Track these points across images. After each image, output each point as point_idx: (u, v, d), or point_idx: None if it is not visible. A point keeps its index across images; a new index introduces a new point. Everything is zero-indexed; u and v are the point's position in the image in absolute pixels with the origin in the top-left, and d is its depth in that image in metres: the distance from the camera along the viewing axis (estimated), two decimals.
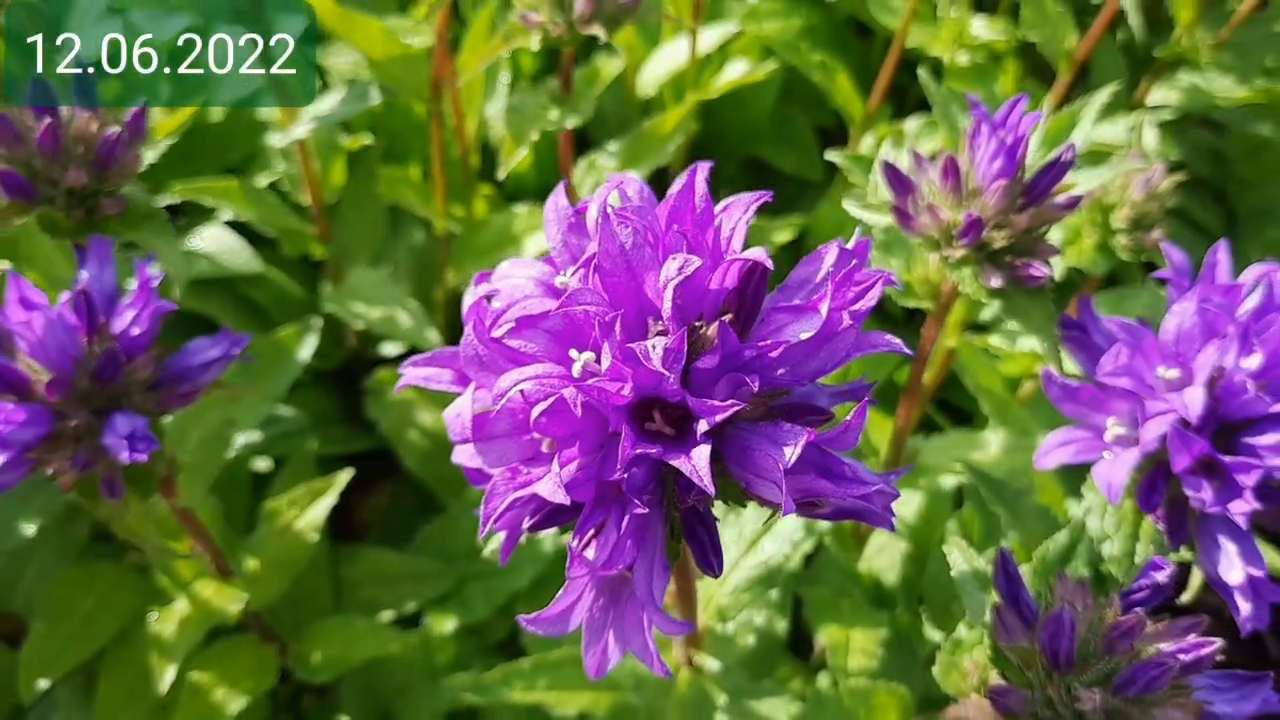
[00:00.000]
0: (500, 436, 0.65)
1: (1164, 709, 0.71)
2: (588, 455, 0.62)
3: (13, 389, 0.81)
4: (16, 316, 0.80)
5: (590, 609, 0.68)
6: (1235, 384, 0.82)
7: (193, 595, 1.20)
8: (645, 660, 0.66)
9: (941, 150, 0.96)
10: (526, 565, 1.57)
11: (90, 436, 0.84)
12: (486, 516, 0.63)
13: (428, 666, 1.59)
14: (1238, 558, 0.84)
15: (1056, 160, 0.89)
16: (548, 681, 1.27)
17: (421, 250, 1.73)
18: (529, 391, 0.60)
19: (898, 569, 1.54)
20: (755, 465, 0.61)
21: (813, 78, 1.67)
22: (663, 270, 0.60)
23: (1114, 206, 1.26)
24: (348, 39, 1.28)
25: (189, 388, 0.88)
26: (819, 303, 0.62)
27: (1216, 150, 2.39)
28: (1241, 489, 0.81)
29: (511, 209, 1.53)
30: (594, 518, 0.62)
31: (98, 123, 0.90)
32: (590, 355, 0.62)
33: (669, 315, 0.60)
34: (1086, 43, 1.64)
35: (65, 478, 0.85)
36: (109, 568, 1.49)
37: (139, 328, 0.85)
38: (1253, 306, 0.85)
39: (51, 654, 1.38)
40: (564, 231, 0.68)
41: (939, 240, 0.92)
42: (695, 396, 0.60)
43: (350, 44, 1.27)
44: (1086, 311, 0.94)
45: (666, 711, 1.08)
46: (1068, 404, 0.91)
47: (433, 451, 1.70)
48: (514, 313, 0.63)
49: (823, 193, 2.12)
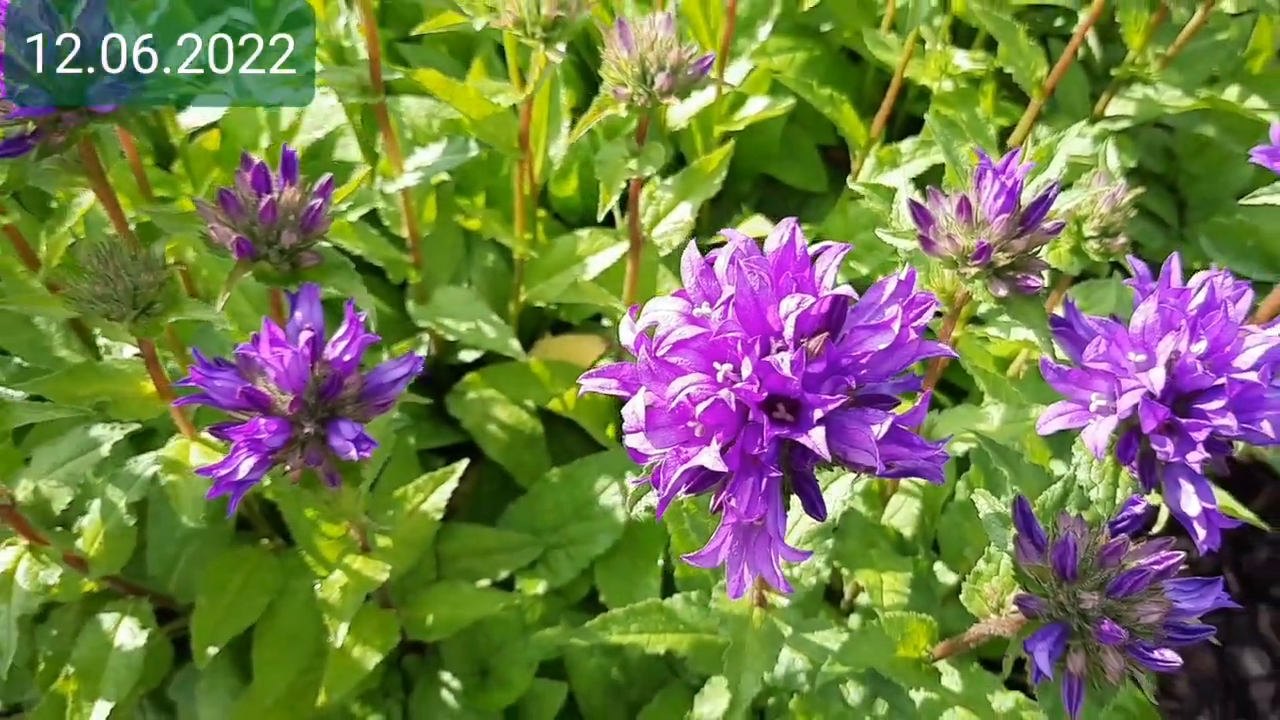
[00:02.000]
0: (663, 427, 0.88)
1: (1144, 605, 0.96)
2: (731, 437, 0.85)
3: (259, 407, 1.04)
4: (267, 352, 1.03)
5: (730, 548, 0.91)
6: (1187, 364, 1.05)
7: (346, 568, 1.42)
8: (773, 581, 0.89)
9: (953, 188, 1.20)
10: (603, 535, 1.80)
11: (318, 441, 1.06)
12: (663, 484, 0.86)
13: (520, 624, 1.81)
14: (1194, 495, 1.07)
15: (1044, 197, 1.13)
16: (638, 626, 1.50)
17: (492, 270, 1.95)
18: (693, 394, 0.83)
19: (913, 524, 1.78)
20: (852, 440, 0.84)
21: (823, 110, 1.90)
22: (782, 305, 0.83)
23: (1085, 218, 1.50)
24: (451, 102, 1.49)
25: (384, 400, 1.11)
26: (892, 321, 0.85)
27: (1168, 148, 2.64)
28: (1195, 443, 1.05)
29: (575, 234, 1.76)
30: (739, 480, 0.85)
31: (300, 193, 1.12)
32: (729, 366, 0.85)
33: (790, 336, 0.83)
34: (1055, 74, 1.87)
35: (294, 472, 1.08)
36: (252, 552, 1.71)
37: (349, 355, 1.07)
38: (1198, 304, 1.09)
39: (214, 625, 1.60)
40: (697, 275, 0.91)
41: (956, 260, 1.16)
42: (809, 393, 0.83)
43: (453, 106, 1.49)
44: (1071, 311, 1.18)
45: (747, 641, 1.31)
46: (1060, 384, 1.14)
47: (510, 442, 1.92)
48: (672, 338, 0.86)
49: (825, 201, 2.35)
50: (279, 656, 1.58)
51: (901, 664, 1.39)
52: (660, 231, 1.57)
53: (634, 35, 1.26)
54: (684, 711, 1.68)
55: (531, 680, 1.74)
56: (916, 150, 1.95)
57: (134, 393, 1.24)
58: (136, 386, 1.25)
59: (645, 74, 1.24)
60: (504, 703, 1.74)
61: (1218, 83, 2.52)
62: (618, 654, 1.77)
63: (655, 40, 1.25)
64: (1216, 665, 2.44)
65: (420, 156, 1.49)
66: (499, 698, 1.74)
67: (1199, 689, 2.40)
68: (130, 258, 1.10)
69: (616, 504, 1.75)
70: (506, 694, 1.73)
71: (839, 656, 1.37)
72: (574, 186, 2.06)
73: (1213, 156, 2.50)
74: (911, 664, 1.40)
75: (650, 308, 0.93)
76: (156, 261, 1.11)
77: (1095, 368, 1.10)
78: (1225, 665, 2.44)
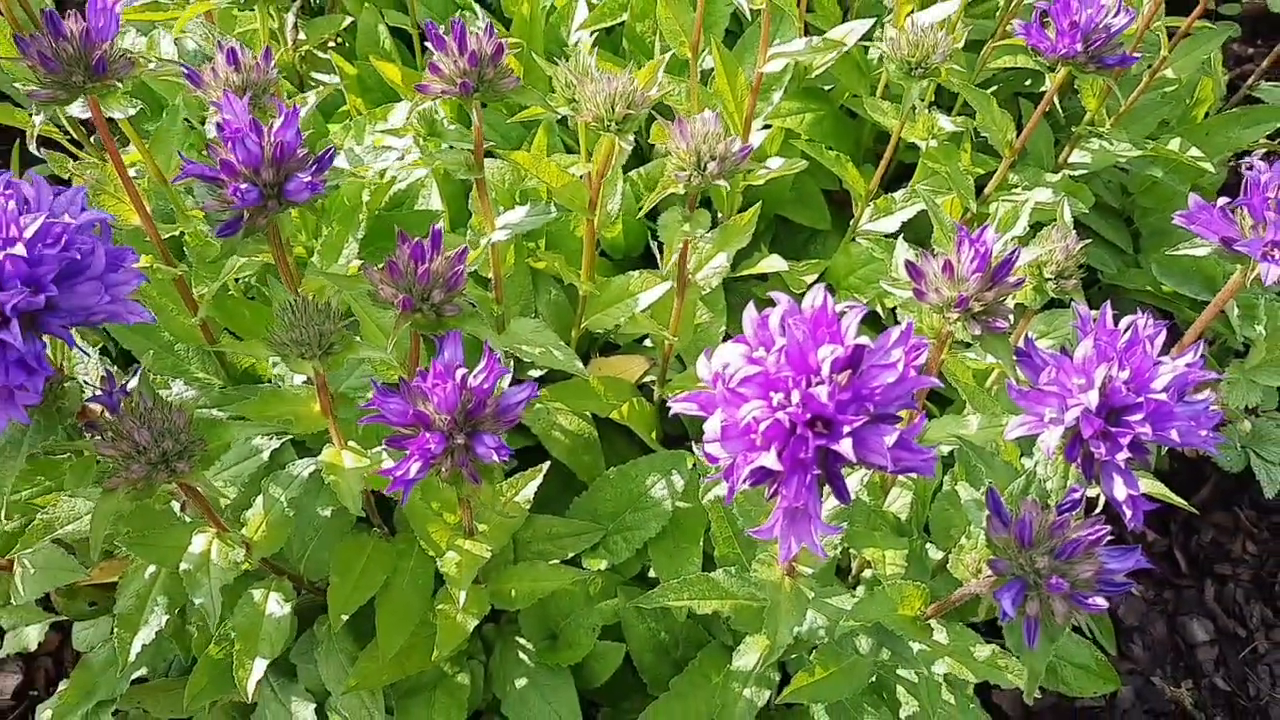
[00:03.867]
0: (733, 438, 1.19)
1: (1081, 565, 1.27)
2: (783, 445, 1.16)
3: (424, 424, 1.35)
4: (430, 383, 1.34)
5: (781, 526, 1.22)
6: (1116, 387, 1.36)
7: (458, 548, 1.73)
8: (813, 549, 1.20)
9: (940, 249, 1.51)
10: (653, 522, 2.10)
11: (466, 449, 1.37)
12: (733, 479, 1.17)
13: (584, 596, 2.11)
14: (1122, 484, 1.38)
15: (1008, 259, 1.44)
16: (689, 593, 1.80)
17: (555, 303, 2.26)
18: (756, 416, 1.15)
19: (908, 510, 2.09)
20: (870, 447, 1.15)
21: (831, 168, 2.21)
22: (820, 351, 1.15)
23: (1045, 263, 1.81)
24: (536, 173, 1.80)
25: (511, 416, 1.41)
26: (897, 363, 1.16)
27: (1123, 185, 2.95)
28: (1122, 446, 1.35)
29: (628, 274, 2.07)
30: (789, 477, 1.17)
31: (444, 260, 1.44)
32: (781, 395, 1.16)
33: (826, 374, 1.14)
34: (1024, 136, 2.18)
35: (445, 473, 1.39)
36: (370, 539, 2.01)
37: (488, 383, 1.39)
38: (1124, 341, 1.40)
39: (344, 597, 1.90)
40: (755, 327, 1.22)
41: (942, 308, 1.47)
42: (840, 415, 1.14)
43: (537, 176, 1.80)
44: (1030, 344, 1.49)
45: (781, 601, 1.62)
46: (1022, 400, 1.45)
47: (572, 446, 2.23)
48: (739, 375, 1.17)
49: (829, 236, 2.66)
50: (395, 623, 1.89)
51: (902, 620, 1.69)
52: (702, 275, 1.88)
53: (690, 130, 1.57)
54: (722, 666, 1.99)
55: (595, 642, 2.04)
56: (907, 200, 2.27)
57: (305, 412, 1.55)
58: (308, 407, 1.55)
59: (700, 162, 1.56)
60: (571, 660, 2.05)
61: (1168, 128, 2.85)
62: (665, 620, 2.08)
63: (707, 134, 1.57)
64: (1168, 632, 2.74)
65: (508, 216, 1.79)
66: (567, 656, 2.05)
67: (1153, 652, 2.71)
68: (316, 310, 1.42)
69: (664, 496, 2.06)
70: (574, 653, 2.04)
71: (852, 614, 1.68)
72: (619, 230, 2.37)
73: (1161, 193, 2.82)
74: (910, 621, 1.71)
75: (720, 352, 1.24)
76: (335, 313, 1.42)
77: (1048, 389, 1.41)
78: (1175, 632, 2.74)
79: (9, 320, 1.19)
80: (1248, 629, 2.73)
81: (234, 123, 1.36)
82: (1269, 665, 2.67)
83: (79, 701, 2.10)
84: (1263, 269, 1.53)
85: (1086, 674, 2.29)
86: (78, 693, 2.10)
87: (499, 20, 2.71)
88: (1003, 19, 2.46)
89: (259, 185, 1.36)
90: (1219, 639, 2.72)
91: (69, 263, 1.24)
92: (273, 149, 1.37)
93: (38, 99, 1.41)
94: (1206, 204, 1.61)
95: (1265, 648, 2.68)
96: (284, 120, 1.38)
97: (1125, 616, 2.71)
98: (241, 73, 1.55)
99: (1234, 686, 2.65)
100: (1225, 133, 2.76)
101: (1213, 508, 2.90)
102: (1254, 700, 2.63)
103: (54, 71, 1.40)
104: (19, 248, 1.18)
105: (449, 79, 1.55)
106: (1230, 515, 2.86)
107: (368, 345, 1.42)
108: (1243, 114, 2.80)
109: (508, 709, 2.06)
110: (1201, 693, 2.64)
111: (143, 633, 1.75)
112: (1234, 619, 2.74)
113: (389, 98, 2.52)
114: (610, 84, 1.61)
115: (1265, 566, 2.80)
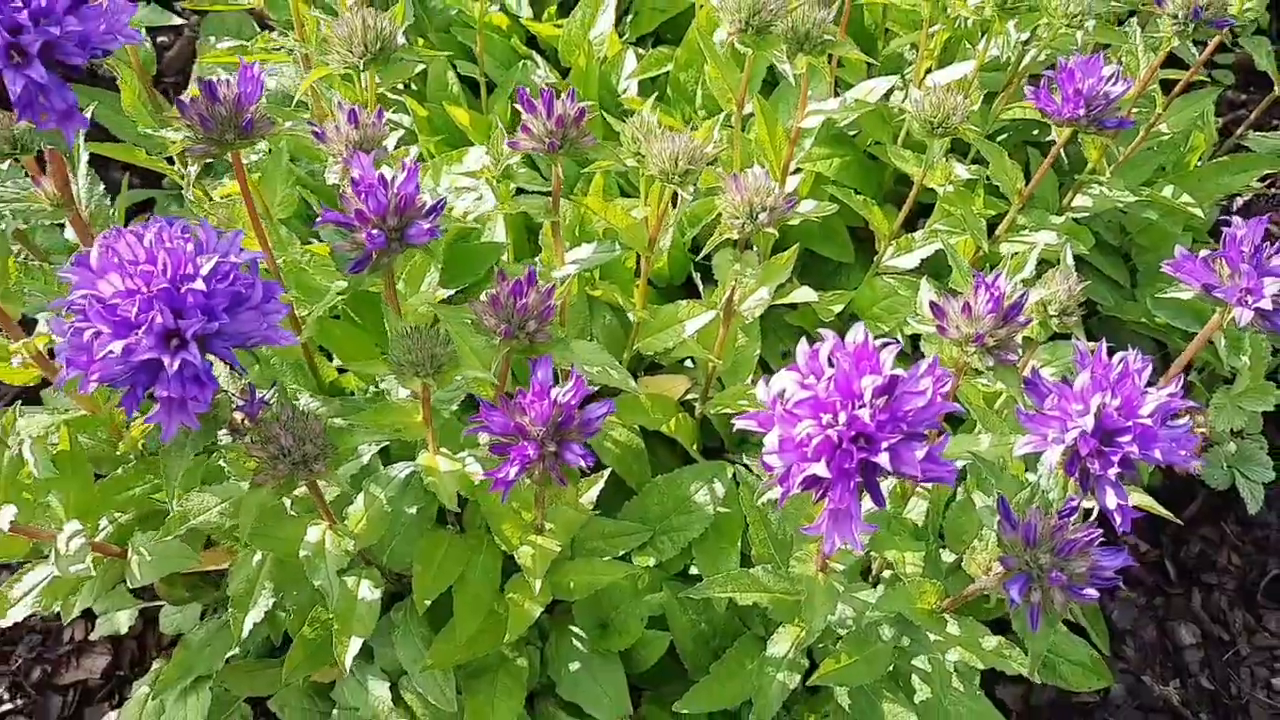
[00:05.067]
0: (788, 451, 1.41)
1: (1076, 561, 1.49)
2: (830, 457, 1.39)
3: (522, 435, 1.58)
4: (530, 399, 1.57)
5: (828, 525, 1.44)
6: (1109, 413, 1.58)
7: (531, 543, 1.95)
8: (854, 545, 1.43)
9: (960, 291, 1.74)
10: (696, 524, 2.32)
11: (555, 457, 1.60)
12: (788, 485, 1.40)
13: (633, 589, 2.33)
14: (1113, 495, 1.59)
15: (1018, 302, 1.67)
16: (733, 586, 2.03)
17: (608, 327, 2.49)
18: (809, 433, 1.37)
19: (924, 518, 2.32)
20: (904, 460, 1.37)
21: (857, 210, 2.44)
22: (863, 380, 1.37)
23: (1050, 302, 2.04)
24: (604, 216, 2.04)
25: (593, 429, 1.63)
26: (925, 390, 1.39)
27: (1121, 224, 3.18)
28: (1113, 463, 1.58)
29: (677, 303, 2.30)
30: (835, 484, 1.39)
31: (538, 294, 1.67)
32: (830, 416, 1.38)
33: (869, 400, 1.37)
34: (1032, 184, 2.41)
35: (538, 476, 1.62)
36: (446, 534, 2.24)
37: (575, 400, 1.62)
38: (1117, 374, 1.63)
39: (427, 585, 2.12)
40: (807, 359, 1.45)
41: (960, 343, 1.70)
42: (879, 433, 1.37)
43: (605, 219, 2.03)
44: (1036, 374, 1.71)
45: (816, 594, 1.84)
46: (1029, 423, 1.67)
47: (622, 455, 2.45)
48: (794, 399, 1.40)
49: (853, 269, 2.89)
50: (469, 609, 2.10)
51: (920, 613, 1.91)
52: (745, 307, 2.11)
53: (744, 184, 1.81)
54: (755, 654, 2.21)
55: (642, 630, 2.27)
56: (925, 239, 2.50)
57: (410, 422, 1.78)
58: (412, 418, 1.78)
59: (752, 212, 1.79)
60: (620, 646, 2.26)
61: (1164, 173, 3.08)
62: (705, 612, 2.30)
63: (758, 188, 1.80)
64: (1158, 635, 2.95)
65: (578, 253, 2.01)
66: (617, 642, 2.27)
67: (1144, 654, 2.92)
68: (429, 335, 1.65)
69: (707, 502, 2.28)
70: (623, 640, 2.26)
71: (877, 605, 1.90)
72: (664, 261, 2.60)
73: (1156, 233, 3.03)
74: (927, 613, 1.94)
75: (777, 379, 1.46)
76: (445, 338, 1.66)
77: (1051, 413, 1.64)
78: (1165, 636, 2.94)
79: (188, 343, 1.42)
80: (1231, 634, 2.94)
81: (365, 177, 1.59)
82: (1250, 667, 2.88)
83: (179, 677, 2.33)
84: (1237, 313, 1.76)
85: (1083, 671, 2.50)
86: (178, 669, 2.32)
87: (556, 68, 2.95)
88: (1011, 76, 2.69)
89: (385, 231, 1.60)
90: (1205, 642, 2.91)
91: (235, 295, 1.47)
92: (397, 200, 1.61)
93: (195, 154, 1.65)
94: (1190, 254, 1.84)
95: (1247, 651, 2.89)
96: (406, 175, 1.62)
97: (1119, 620, 2.92)
98: (360, 129, 1.79)
99: (1218, 686, 2.85)
100: (1216, 179, 2.98)
101: (1201, 522, 3.11)
102: (1236, 699, 2.83)
103: (209, 131, 1.64)
104: (199, 283, 1.41)
105: (538, 138, 1.79)
106: (1217, 529, 3.07)
107: (470, 365, 1.65)
108: (1232, 161, 3.02)
109: (562, 689, 2.28)
110: (1188, 691, 2.84)
111: (253, 613, 1.98)
112: (1219, 624, 2.95)
113: (456, 137, 2.76)
114: (674, 142, 1.84)
115: (1248, 576, 3.01)
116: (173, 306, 1.41)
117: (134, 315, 1.40)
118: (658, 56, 2.80)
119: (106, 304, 1.41)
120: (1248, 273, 1.74)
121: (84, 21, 1.47)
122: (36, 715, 2.73)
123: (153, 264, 1.42)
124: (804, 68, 2.08)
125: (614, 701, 2.23)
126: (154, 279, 1.41)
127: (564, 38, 2.89)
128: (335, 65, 1.82)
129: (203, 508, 1.86)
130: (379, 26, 1.84)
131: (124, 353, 1.39)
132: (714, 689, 2.18)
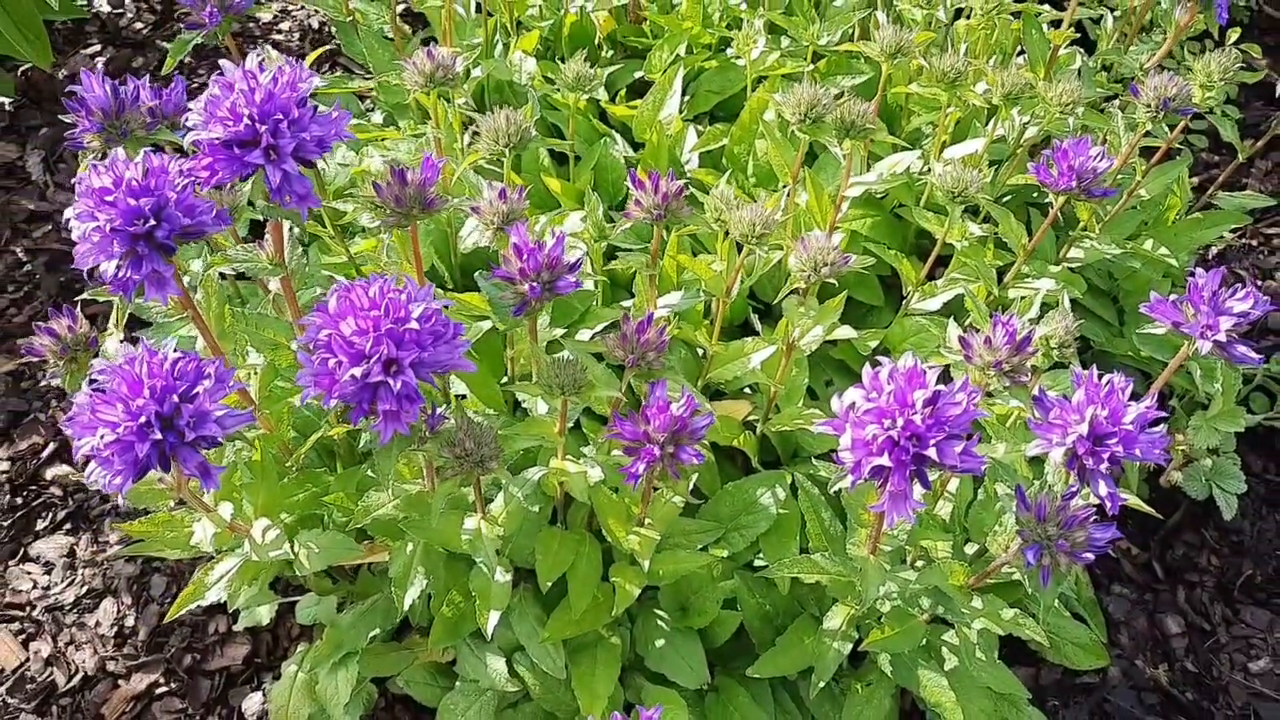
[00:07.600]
0: (859, 447, 1.84)
1: (1077, 532, 1.92)
2: (891, 451, 1.82)
3: (646, 439, 2.01)
4: (654, 411, 2.00)
5: (888, 503, 1.87)
6: (1100, 421, 2.00)
7: (637, 533, 2.38)
8: (908, 518, 1.84)
9: (982, 327, 2.18)
10: (762, 522, 2.72)
11: (671, 457, 2.03)
12: (857, 473, 1.82)
13: (709, 577, 2.73)
14: (1104, 485, 2.02)
15: (1027, 336, 2.10)
16: (799, 569, 2.44)
17: (685, 360, 2.93)
18: (875, 434, 1.80)
19: (950, 512, 2.74)
20: (946, 454, 1.79)
21: (890, 263, 2.89)
22: (915, 394, 1.80)
23: (1051, 337, 2.47)
24: (692, 269, 2.48)
25: (700, 436, 2.05)
26: (961, 402, 1.81)
27: (1110, 271, 3.61)
28: (1103, 460, 2.01)
29: (743, 340, 2.73)
30: (895, 471, 1.81)
31: (655, 330, 2.11)
32: (889, 420, 1.81)
33: (919, 408, 1.79)
34: (1034, 241, 2.85)
35: (658, 472, 2.05)
36: (558, 530, 2.66)
37: (686, 412, 2.05)
38: (1105, 391, 2.06)
39: (546, 570, 2.52)
40: (870, 379, 1.88)
41: (982, 368, 2.13)
42: (928, 433, 1.79)
43: (692, 270, 2.47)
44: (1042, 392, 2.14)
45: (868, 571, 2.26)
46: (1037, 430, 2.08)
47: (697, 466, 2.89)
48: (861, 408, 1.83)
49: (884, 311, 3.33)
50: (581, 590, 2.50)
51: (951, 587, 2.34)
52: (804, 342, 2.55)
53: (810, 244, 2.25)
54: (812, 631, 2.62)
55: (718, 610, 2.68)
56: (945, 285, 2.95)
57: (549, 432, 2.21)
58: (549, 429, 2.21)
59: (817, 267, 2.24)
60: (699, 625, 2.66)
61: (1146, 227, 3.52)
62: (770, 595, 2.71)
63: (821, 247, 2.24)
64: (1148, 625, 3.33)
65: (669, 299, 2.44)
66: (696, 621, 2.67)
67: (1136, 641, 3.30)
68: (570, 363, 2.08)
69: (770, 504, 2.69)
70: (701, 619, 2.67)
71: (917, 580, 2.32)
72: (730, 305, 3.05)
73: (1139, 280, 3.46)
74: (957, 589, 2.36)
75: (847, 394, 1.89)
76: (575, 365, 2.09)
77: (1054, 422, 2.07)
78: (1154, 626, 3.33)
79: (404, 369, 1.86)
80: (1212, 624, 3.32)
81: (523, 243, 2.04)
82: (1229, 654, 3.26)
83: (330, 653, 2.73)
84: (1200, 344, 2.19)
85: (1084, 650, 2.89)
86: (330, 645, 2.73)
87: (631, 144, 3.42)
88: (1014, 148, 3.15)
89: (540, 284, 2.04)
90: (1189, 632, 3.23)
91: (436, 333, 1.91)
92: (548, 259, 2.05)
93: (389, 225, 2.09)
94: (1163, 299, 2.27)
95: (1226, 639, 3.27)
96: (555, 241, 2.07)
97: (1114, 613, 3.32)
98: (506, 203, 2.24)
99: (1201, 669, 3.23)
100: (1190, 233, 3.42)
101: (1184, 529, 3.52)
102: (1216, 680, 3.21)
103: (400, 207, 2.09)
104: (414, 324, 1.85)
105: (647, 209, 2.23)
106: (1198, 534, 3.48)
107: (603, 386, 2.08)
108: (1204, 218, 3.46)
109: (650, 661, 2.68)
110: (1175, 673, 3.23)
111: (410, 591, 2.39)
112: (1201, 616, 3.33)
113: (546, 201, 3.21)
114: (750, 211, 2.29)
115: (1225, 575, 3.41)
116: (393, 341, 1.85)
117: (368, 348, 1.83)
118: (714, 133, 3.26)
119: (346, 340, 1.85)
120: (1206, 312, 2.17)
121: (322, 127, 1.92)
122: (189, 695, 3.12)
123: (377, 309, 1.86)
124: (849, 148, 2.53)
125: (695, 671, 2.63)
126: (381, 321, 1.84)
127: (637, 118, 3.35)
128: (484, 150, 2.26)
129: (378, 504, 2.28)
130: (519, 121, 2.29)
131: (362, 376, 1.82)
132: (779, 658, 2.59)
